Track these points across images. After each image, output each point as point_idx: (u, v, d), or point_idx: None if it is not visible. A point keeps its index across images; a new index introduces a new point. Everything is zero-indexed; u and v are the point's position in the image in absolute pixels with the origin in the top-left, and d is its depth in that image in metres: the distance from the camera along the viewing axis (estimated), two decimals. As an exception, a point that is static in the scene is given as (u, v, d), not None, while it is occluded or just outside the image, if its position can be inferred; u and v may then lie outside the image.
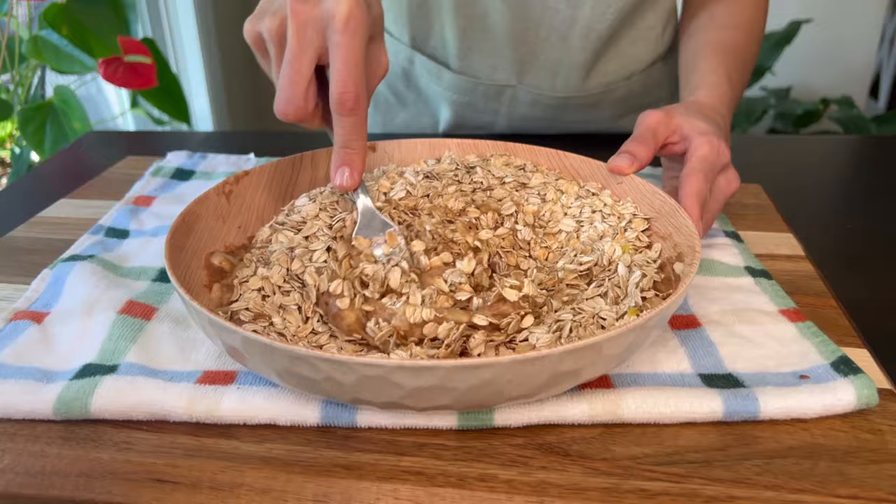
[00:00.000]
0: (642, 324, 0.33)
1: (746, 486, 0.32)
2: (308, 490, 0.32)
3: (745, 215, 0.60)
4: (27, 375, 0.38)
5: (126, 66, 1.18)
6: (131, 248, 0.52)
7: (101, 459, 0.34)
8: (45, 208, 0.61)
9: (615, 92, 0.77)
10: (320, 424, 0.36)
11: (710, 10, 0.66)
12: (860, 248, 0.57)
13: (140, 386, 0.36)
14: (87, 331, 0.41)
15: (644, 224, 0.47)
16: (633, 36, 0.74)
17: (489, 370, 0.30)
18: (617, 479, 0.33)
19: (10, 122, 1.27)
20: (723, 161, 0.49)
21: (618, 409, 0.36)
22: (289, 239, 0.45)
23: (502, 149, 0.58)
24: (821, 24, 1.83)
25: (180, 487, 0.32)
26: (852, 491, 0.32)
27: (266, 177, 0.52)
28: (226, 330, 0.33)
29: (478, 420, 0.36)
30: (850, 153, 0.82)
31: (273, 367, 0.33)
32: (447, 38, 0.74)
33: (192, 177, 0.67)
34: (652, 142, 0.50)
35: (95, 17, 1.17)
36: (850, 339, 0.43)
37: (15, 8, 1.18)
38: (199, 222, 0.45)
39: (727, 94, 0.58)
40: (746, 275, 0.48)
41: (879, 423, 0.36)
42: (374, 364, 0.30)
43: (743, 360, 0.40)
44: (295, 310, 0.40)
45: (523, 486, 0.32)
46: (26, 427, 0.36)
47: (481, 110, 0.79)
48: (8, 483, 0.33)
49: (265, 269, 0.42)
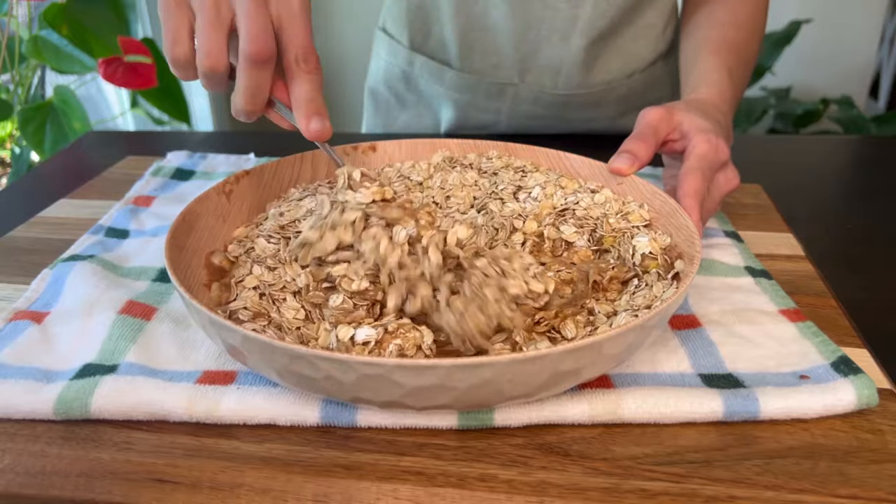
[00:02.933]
0: (642, 324, 0.33)
1: (746, 486, 0.32)
2: (308, 490, 0.32)
3: (745, 215, 0.60)
4: (27, 375, 0.38)
5: (126, 66, 1.18)
6: (131, 248, 0.52)
7: (102, 459, 0.34)
8: (45, 208, 0.61)
9: (617, 90, 0.77)
10: (320, 424, 0.36)
11: (711, 8, 0.66)
12: (860, 248, 0.57)
13: (140, 386, 0.36)
14: (87, 331, 0.41)
15: (643, 218, 0.47)
16: (634, 34, 0.74)
17: (489, 369, 0.30)
18: (617, 479, 0.33)
19: (10, 122, 1.27)
20: (721, 159, 0.49)
21: (618, 409, 0.36)
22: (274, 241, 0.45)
23: (502, 149, 0.58)
24: (821, 24, 1.83)
25: (180, 487, 0.32)
26: (852, 491, 0.32)
27: (267, 176, 0.52)
28: (226, 329, 0.33)
29: (478, 420, 0.36)
30: (850, 153, 0.82)
31: (273, 365, 0.33)
32: (447, 37, 0.74)
33: (192, 177, 0.67)
34: (652, 139, 0.50)
35: (95, 17, 1.17)
36: (850, 339, 0.43)
37: (15, 8, 1.18)
38: (200, 221, 0.45)
39: (728, 92, 0.58)
40: (746, 275, 0.48)
41: (880, 423, 0.36)
42: (374, 363, 0.30)
43: (743, 360, 0.40)
44: (293, 302, 0.40)
45: (523, 486, 0.32)
46: (26, 427, 0.36)
47: (483, 109, 0.79)
48: (8, 483, 0.33)
49: (259, 268, 0.42)
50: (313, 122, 0.43)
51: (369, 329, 0.36)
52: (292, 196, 0.51)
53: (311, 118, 0.43)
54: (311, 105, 0.43)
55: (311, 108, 0.43)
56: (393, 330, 0.36)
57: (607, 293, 0.42)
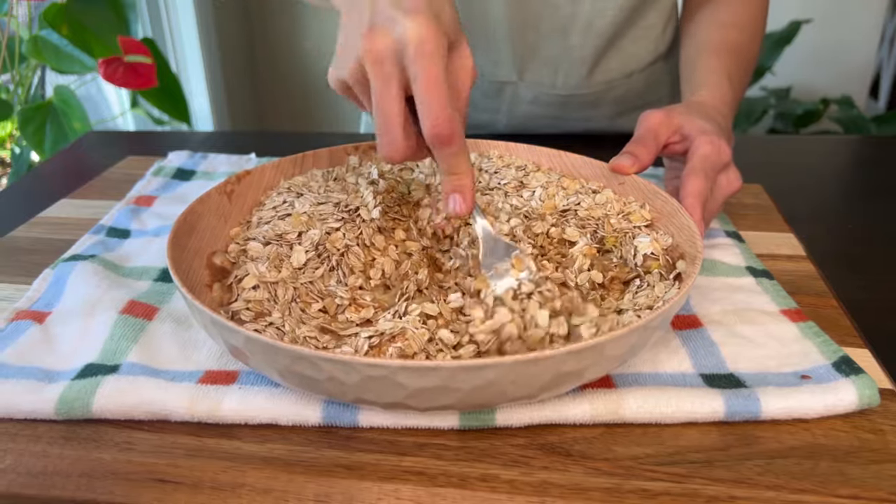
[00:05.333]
0: (645, 324, 0.33)
1: (748, 486, 0.32)
2: (309, 490, 0.32)
3: (746, 215, 0.60)
4: (29, 375, 0.38)
5: (126, 66, 1.18)
6: (133, 248, 0.52)
7: (103, 459, 0.34)
8: (46, 208, 0.61)
9: (616, 90, 0.77)
10: (322, 424, 0.36)
11: (711, 10, 0.66)
12: (861, 248, 0.57)
13: (141, 386, 0.36)
14: (89, 331, 0.41)
15: (644, 218, 0.47)
16: (634, 34, 0.74)
17: (493, 371, 0.30)
18: (618, 479, 0.33)
19: (10, 122, 1.27)
20: (724, 160, 0.49)
21: (619, 409, 0.36)
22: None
23: (503, 148, 0.58)
24: (821, 24, 1.82)
25: (182, 487, 0.32)
26: (853, 491, 0.32)
27: (268, 176, 0.52)
28: (228, 329, 0.33)
29: (479, 420, 0.36)
30: (850, 153, 0.82)
31: (275, 366, 0.33)
32: None
33: (193, 177, 0.67)
34: (653, 143, 0.50)
35: (95, 17, 1.17)
36: (852, 339, 0.43)
37: (15, 8, 1.18)
38: (201, 222, 0.45)
39: (728, 94, 0.58)
40: (748, 275, 0.48)
41: (881, 423, 0.36)
42: (377, 364, 0.30)
43: (744, 360, 0.40)
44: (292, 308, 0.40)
45: (525, 486, 0.32)
46: (28, 427, 0.36)
47: (482, 109, 0.79)
48: (10, 483, 0.33)
49: (256, 268, 0.42)
50: (451, 203, 0.40)
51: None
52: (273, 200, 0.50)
53: (449, 196, 0.40)
54: (450, 181, 0.40)
55: (450, 183, 0.40)
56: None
57: (610, 294, 0.42)
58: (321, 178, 0.52)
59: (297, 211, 0.46)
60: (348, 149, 0.57)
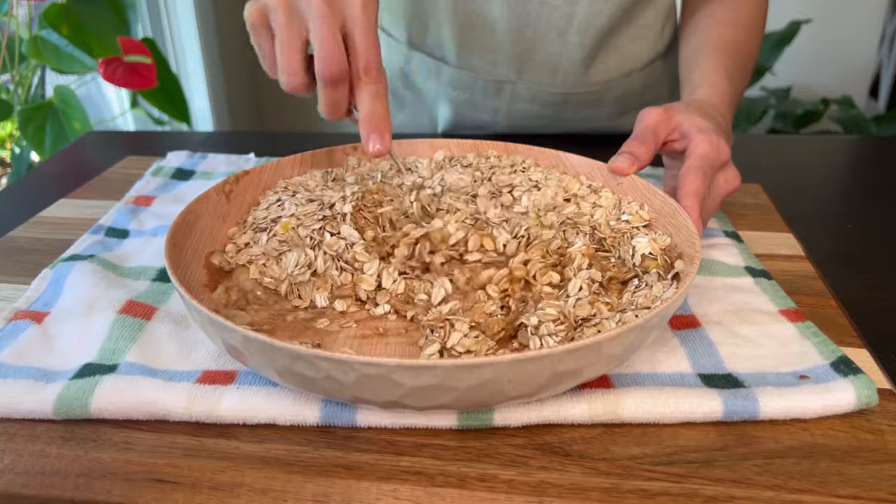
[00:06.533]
0: (643, 324, 0.33)
1: (746, 486, 0.32)
2: (308, 490, 0.32)
3: (745, 215, 0.60)
4: (27, 375, 0.38)
5: (126, 66, 1.18)
6: (131, 248, 0.52)
7: (101, 459, 0.34)
8: (46, 208, 0.61)
9: (615, 89, 0.77)
10: (320, 424, 0.36)
11: (710, 9, 0.66)
12: (860, 248, 0.57)
13: (140, 385, 0.36)
14: (87, 330, 0.41)
15: (642, 218, 0.47)
16: (632, 33, 0.74)
17: (489, 369, 0.30)
18: (617, 479, 0.33)
19: (10, 122, 1.27)
20: (722, 159, 0.49)
21: (618, 409, 0.36)
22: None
23: (502, 148, 0.58)
24: (821, 24, 1.83)
25: (180, 487, 0.32)
26: (852, 491, 0.32)
27: (266, 176, 0.52)
28: (226, 329, 0.33)
29: (477, 420, 0.36)
30: (850, 153, 0.82)
31: (273, 365, 0.33)
32: (444, 35, 0.74)
33: (192, 177, 0.67)
34: (652, 141, 0.50)
35: (95, 17, 1.17)
36: (850, 339, 0.43)
37: (15, 8, 1.18)
38: (200, 222, 0.45)
39: (728, 93, 0.58)
40: (746, 275, 0.48)
41: (879, 423, 0.36)
42: (374, 363, 0.30)
43: (743, 360, 0.40)
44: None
45: (523, 486, 0.32)
46: (26, 427, 0.36)
47: (481, 108, 0.79)
48: (8, 483, 0.33)
49: (253, 267, 0.43)
50: (371, 143, 0.45)
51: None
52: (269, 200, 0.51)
53: (370, 136, 0.45)
54: (371, 122, 0.45)
55: (371, 125, 0.45)
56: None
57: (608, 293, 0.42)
58: (320, 179, 0.52)
59: (286, 213, 0.47)
60: (348, 149, 0.57)
